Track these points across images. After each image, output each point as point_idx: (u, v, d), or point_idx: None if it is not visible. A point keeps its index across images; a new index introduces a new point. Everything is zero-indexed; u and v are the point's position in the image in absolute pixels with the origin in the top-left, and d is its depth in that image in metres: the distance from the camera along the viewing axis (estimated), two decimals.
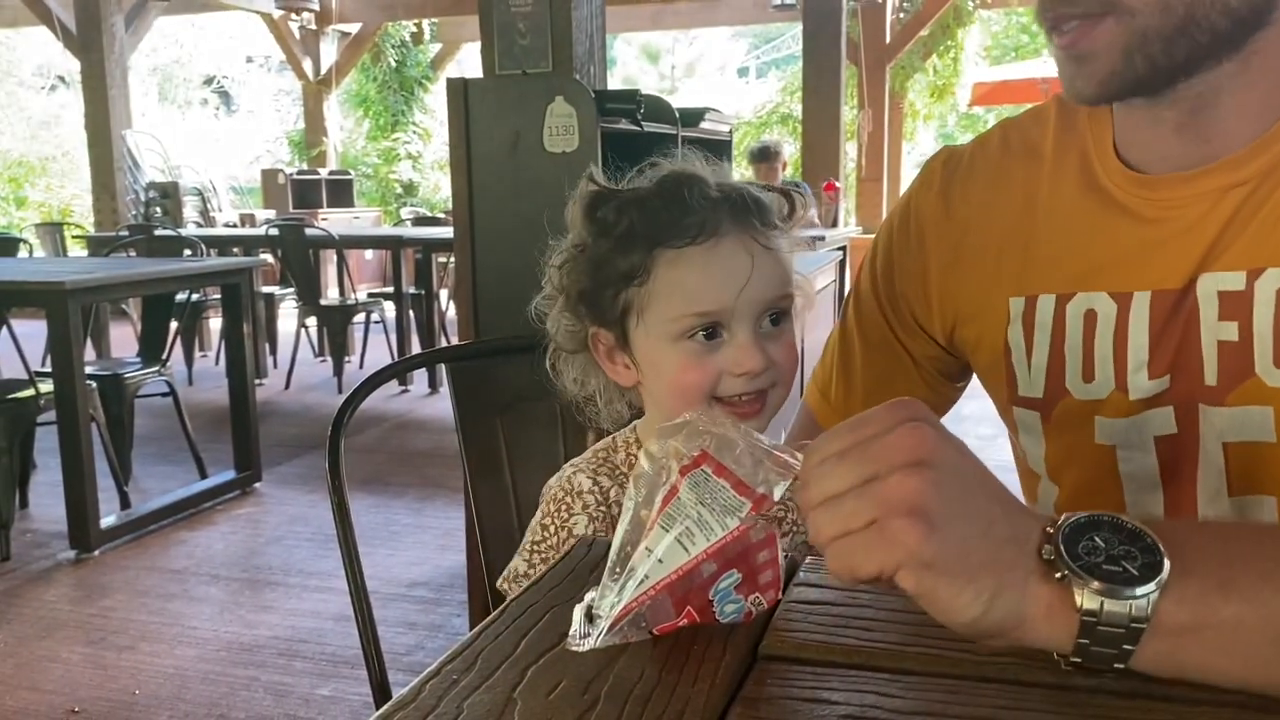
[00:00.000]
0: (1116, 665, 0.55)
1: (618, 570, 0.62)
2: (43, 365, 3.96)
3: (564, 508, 0.96)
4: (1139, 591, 0.53)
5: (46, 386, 3.46)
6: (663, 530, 0.61)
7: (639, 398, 0.99)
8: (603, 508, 0.96)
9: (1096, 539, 0.55)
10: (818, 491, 0.57)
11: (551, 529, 0.96)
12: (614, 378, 0.96)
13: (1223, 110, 0.79)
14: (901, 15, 10.66)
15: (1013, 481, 0.81)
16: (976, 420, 5.63)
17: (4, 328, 4.01)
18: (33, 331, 4.16)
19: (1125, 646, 0.54)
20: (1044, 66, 10.52)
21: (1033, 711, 0.54)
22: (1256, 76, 0.78)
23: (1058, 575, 0.55)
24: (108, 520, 3.55)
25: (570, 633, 0.62)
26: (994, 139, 0.98)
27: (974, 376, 1.05)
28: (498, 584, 1.02)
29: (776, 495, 0.60)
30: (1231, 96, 0.79)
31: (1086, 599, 0.54)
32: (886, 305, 1.03)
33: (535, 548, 0.98)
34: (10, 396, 3.52)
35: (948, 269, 0.98)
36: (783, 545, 0.65)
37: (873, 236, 1.08)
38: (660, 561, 0.61)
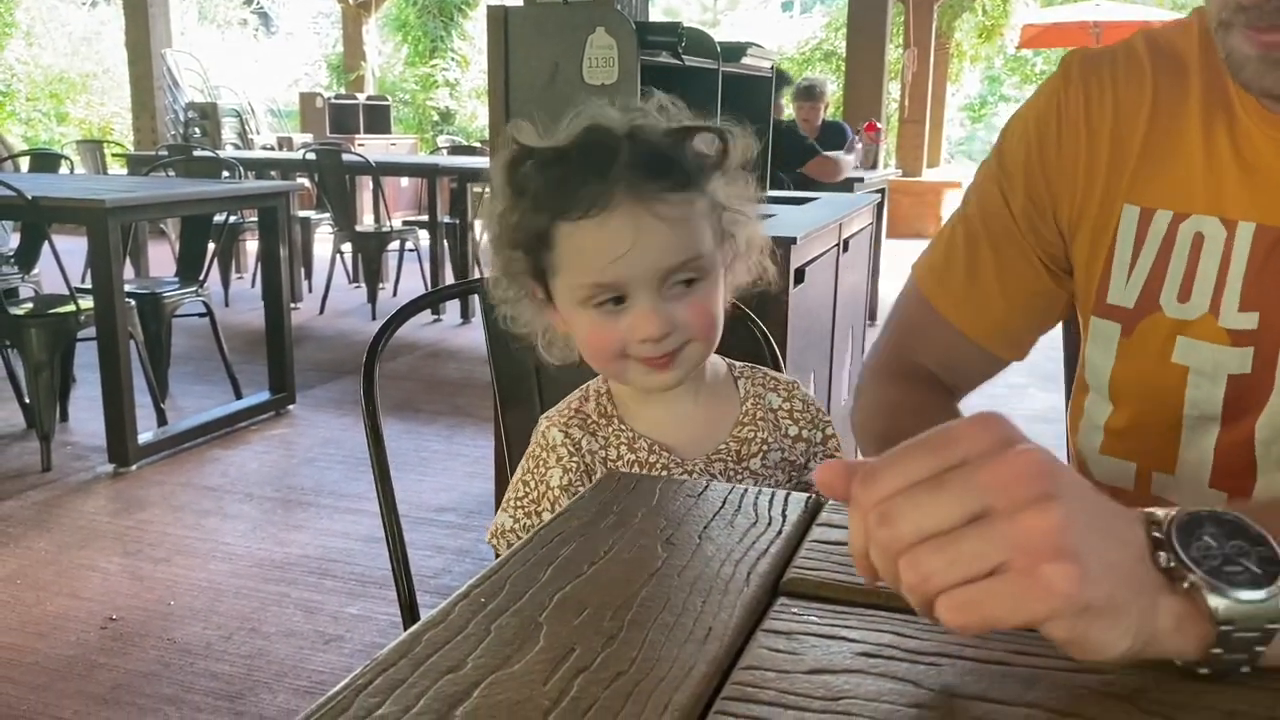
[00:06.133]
0: (1243, 669, 0.52)
1: None
2: (83, 281, 4.02)
3: (540, 463, 1.01)
4: (1269, 592, 0.50)
5: (86, 303, 3.52)
6: None
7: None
8: (575, 459, 1.00)
9: (1206, 538, 0.52)
10: (912, 527, 0.49)
11: (531, 483, 1.01)
12: (554, 323, 1.01)
13: None
14: None
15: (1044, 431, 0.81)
16: (1008, 369, 5.59)
17: (46, 243, 4.06)
18: (73, 248, 4.21)
19: (1257, 649, 0.51)
20: (1095, 10, 10.23)
21: (1044, 655, 0.55)
22: None
23: (1185, 585, 0.51)
24: (145, 436, 3.62)
25: None
26: (1139, 45, 0.98)
27: None
28: (486, 539, 1.05)
29: None
30: None
31: (1223, 608, 0.50)
32: (1012, 199, 1.03)
33: (519, 503, 1.02)
34: (51, 311, 3.58)
35: (1077, 163, 0.98)
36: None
37: (913, 180, 1.10)
38: None
